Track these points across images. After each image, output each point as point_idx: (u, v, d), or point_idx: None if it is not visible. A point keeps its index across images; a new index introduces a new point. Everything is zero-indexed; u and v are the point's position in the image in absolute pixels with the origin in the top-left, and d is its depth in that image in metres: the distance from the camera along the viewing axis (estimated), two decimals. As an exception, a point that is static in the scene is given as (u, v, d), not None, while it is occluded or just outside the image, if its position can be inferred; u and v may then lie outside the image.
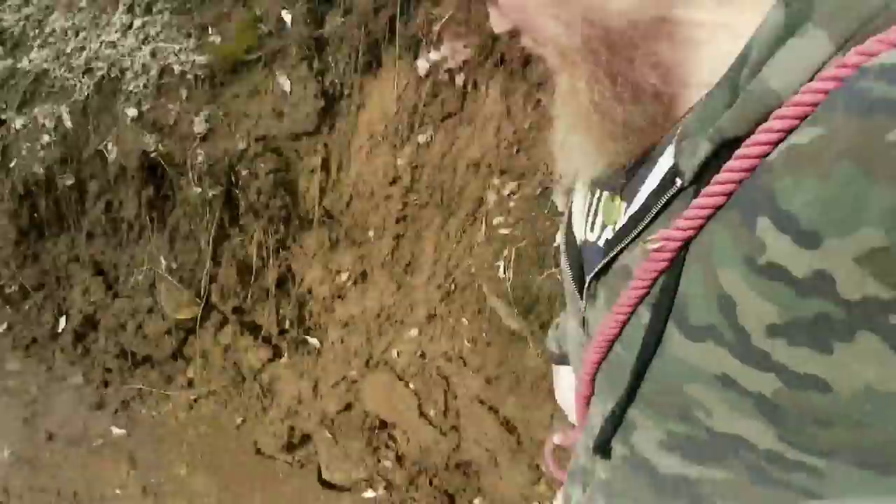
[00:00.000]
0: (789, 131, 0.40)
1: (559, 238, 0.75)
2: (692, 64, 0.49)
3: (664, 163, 0.51)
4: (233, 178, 2.45)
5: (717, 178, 0.44)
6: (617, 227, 0.56)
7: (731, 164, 0.43)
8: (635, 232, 0.51)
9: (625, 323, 0.54)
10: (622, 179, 0.55)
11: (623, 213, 0.56)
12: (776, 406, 0.46)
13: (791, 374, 0.44)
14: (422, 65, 2.27)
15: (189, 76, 2.36)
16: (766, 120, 0.42)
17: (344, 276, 2.57)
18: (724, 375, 0.47)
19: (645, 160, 0.53)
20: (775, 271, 0.41)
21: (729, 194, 0.44)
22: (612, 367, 0.59)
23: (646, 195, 0.52)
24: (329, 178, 2.55)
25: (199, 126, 2.40)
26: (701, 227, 0.46)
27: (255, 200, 2.47)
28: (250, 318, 2.67)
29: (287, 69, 2.39)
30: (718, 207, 0.44)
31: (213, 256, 2.53)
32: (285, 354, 2.63)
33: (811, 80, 0.40)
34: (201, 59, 2.34)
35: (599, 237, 0.60)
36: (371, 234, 2.52)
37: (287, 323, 2.65)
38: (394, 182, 2.41)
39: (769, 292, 0.42)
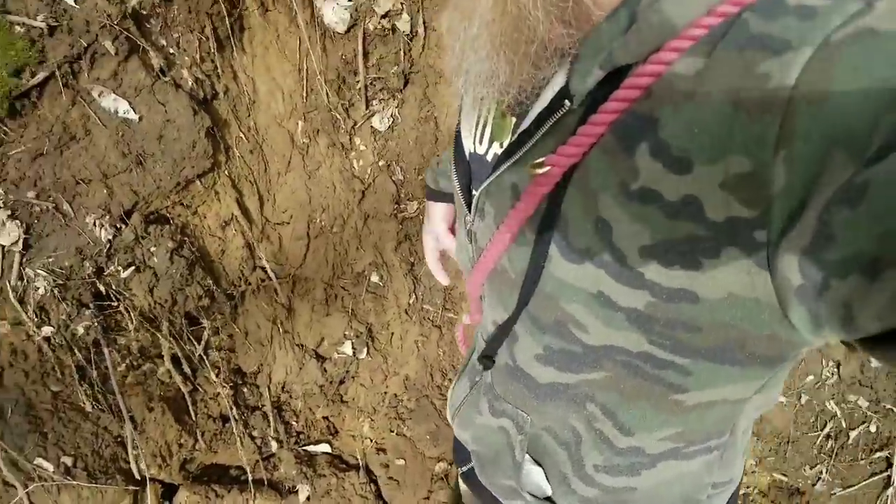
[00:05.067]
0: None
1: (448, 150, 0.69)
2: None
3: (556, 83, 0.49)
4: (104, 289, 1.55)
5: (605, 106, 0.44)
6: (506, 145, 0.55)
7: (619, 93, 0.43)
8: (523, 150, 0.51)
9: (511, 241, 0.55)
10: (514, 98, 0.52)
11: (512, 130, 0.55)
12: (648, 317, 0.48)
13: (662, 289, 0.45)
14: (332, 15, 1.44)
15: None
16: (657, 50, 0.41)
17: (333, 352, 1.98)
18: (599, 293, 0.49)
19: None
20: (648, 195, 0.42)
21: (613, 122, 0.44)
22: (498, 279, 0.60)
23: (536, 114, 0.50)
24: (252, 224, 1.84)
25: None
26: (585, 154, 0.46)
27: (155, 307, 1.64)
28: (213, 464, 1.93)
29: (108, 82, 1.47)
30: (602, 134, 0.45)
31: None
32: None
33: (708, 13, 0.39)
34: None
35: (488, 151, 0.59)
36: (343, 274, 1.89)
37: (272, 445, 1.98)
38: (354, 192, 1.87)
39: (642, 216, 0.43)
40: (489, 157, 0.59)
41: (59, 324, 1.56)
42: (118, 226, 1.57)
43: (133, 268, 1.61)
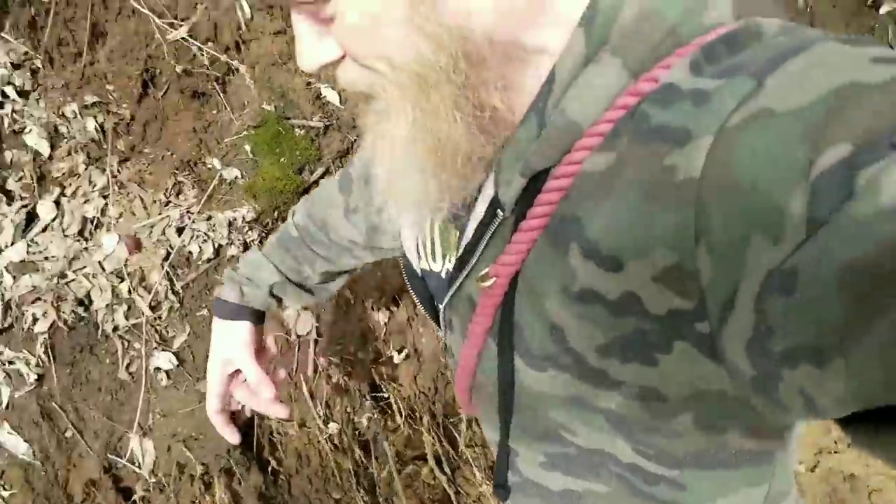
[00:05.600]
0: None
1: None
2: (527, 87, 0.45)
3: (487, 193, 0.49)
4: (377, 378, 1.49)
5: (532, 212, 0.44)
6: (453, 259, 0.54)
7: (541, 197, 0.43)
8: (470, 265, 0.50)
9: (480, 353, 0.53)
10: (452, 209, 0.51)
11: (457, 243, 0.53)
12: (625, 418, 0.46)
13: (630, 387, 0.44)
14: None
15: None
16: (569, 151, 0.41)
17: None
18: (574, 397, 0.47)
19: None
20: (589, 296, 0.41)
21: (543, 227, 0.44)
22: (479, 393, 0.57)
23: (474, 226, 0.50)
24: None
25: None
26: (524, 260, 0.46)
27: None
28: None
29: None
30: (535, 240, 0.44)
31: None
32: None
33: (610, 108, 0.40)
34: (246, 213, 1.36)
35: (442, 267, 0.58)
36: None
37: None
38: None
39: (588, 317, 0.42)
40: (444, 274, 0.58)
41: (343, 418, 1.51)
42: (391, 308, 1.57)
43: (405, 352, 1.58)
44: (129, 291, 1.29)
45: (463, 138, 0.45)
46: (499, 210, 0.47)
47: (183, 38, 1.37)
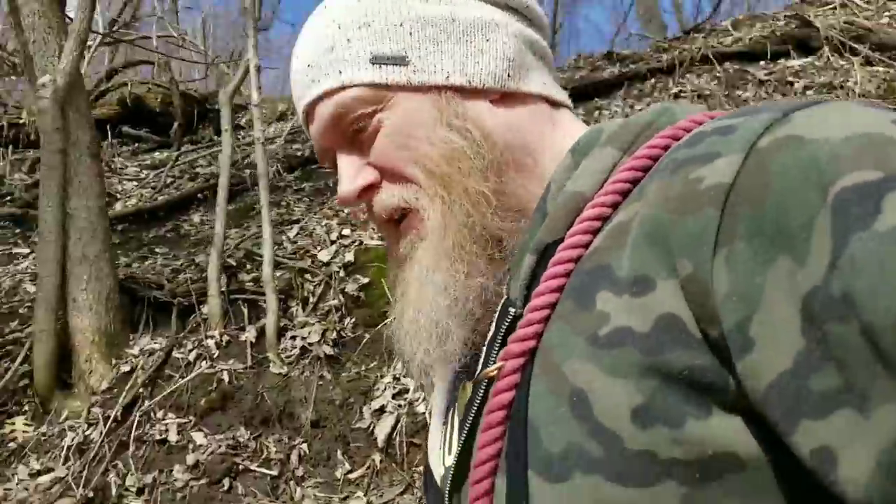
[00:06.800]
0: (604, 218, 0.44)
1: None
2: (534, 195, 0.53)
3: (499, 315, 0.50)
4: None
5: (548, 273, 0.44)
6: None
7: (558, 255, 0.44)
8: (480, 394, 0.47)
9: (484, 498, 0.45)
10: (467, 363, 0.53)
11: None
12: None
13: (689, 467, 0.35)
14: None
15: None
16: (579, 214, 0.46)
17: None
18: None
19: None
20: (620, 335, 0.38)
21: (561, 288, 0.43)
22: None
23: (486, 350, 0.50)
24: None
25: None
26: (540, 335, 0.43)
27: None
28: None
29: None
30: (554, 305, 0.43)
31: None
32: None
33: (607, 179, 0.46)
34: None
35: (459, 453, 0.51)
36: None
37: None
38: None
39: (620, 364, 0.38)
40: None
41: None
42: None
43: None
44: None
45: (489, 218, 0.51)
46: (510, 309, 0.47)
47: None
